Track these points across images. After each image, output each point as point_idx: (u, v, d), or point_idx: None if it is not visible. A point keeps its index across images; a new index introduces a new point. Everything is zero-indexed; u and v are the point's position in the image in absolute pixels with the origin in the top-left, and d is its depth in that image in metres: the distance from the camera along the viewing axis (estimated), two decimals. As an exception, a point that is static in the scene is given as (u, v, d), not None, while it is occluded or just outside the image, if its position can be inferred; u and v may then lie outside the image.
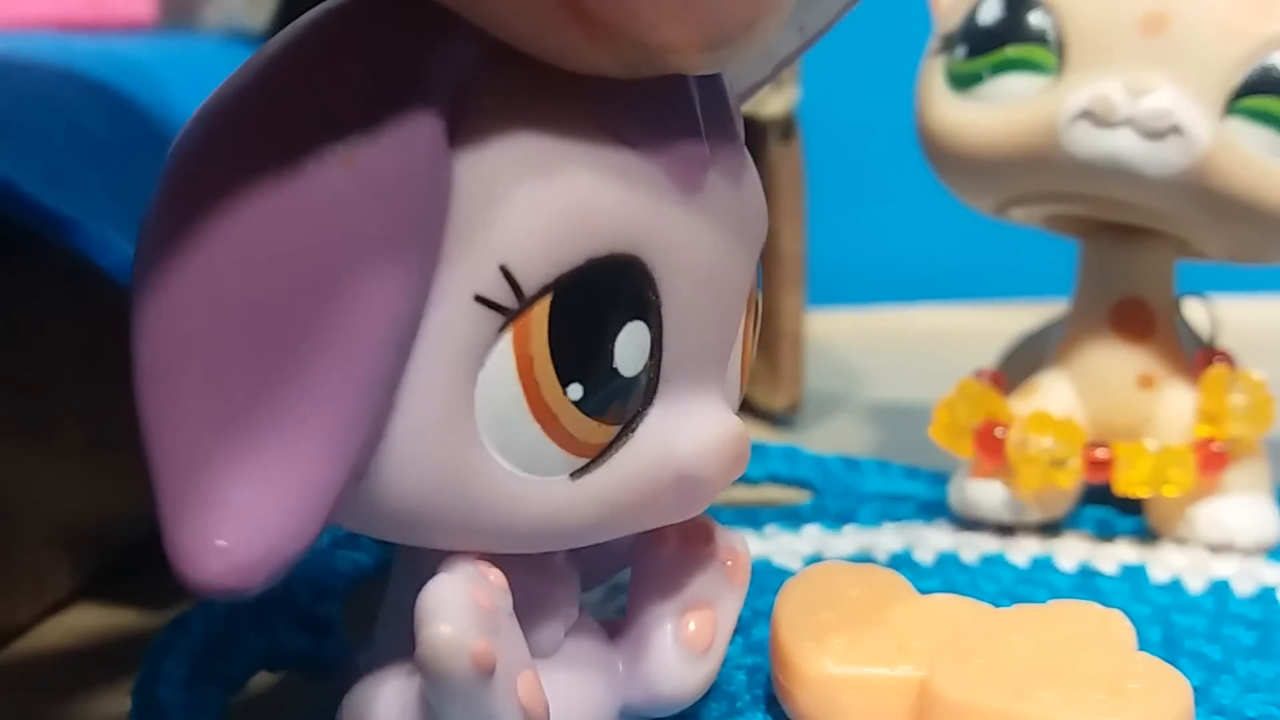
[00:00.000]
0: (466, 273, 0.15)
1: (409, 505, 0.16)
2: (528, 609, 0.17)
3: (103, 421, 0.27)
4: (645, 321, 0.17)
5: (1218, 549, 0.28)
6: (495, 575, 0.17)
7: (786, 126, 0.38)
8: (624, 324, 0.16)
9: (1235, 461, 0.28)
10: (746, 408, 0.19)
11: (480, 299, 0.15)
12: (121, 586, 0.28)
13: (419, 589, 0.16)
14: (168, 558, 0.14)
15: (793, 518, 0.30)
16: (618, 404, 0.17)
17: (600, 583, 0.21)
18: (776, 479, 0.31)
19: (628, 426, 0.17)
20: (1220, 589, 0.26)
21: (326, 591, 0.25)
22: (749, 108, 0.20)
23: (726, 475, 0.18)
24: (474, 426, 0.16)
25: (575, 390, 0.16)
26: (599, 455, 0.17)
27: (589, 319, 0.16)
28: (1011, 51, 0.27)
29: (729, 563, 0.20)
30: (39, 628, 0.26)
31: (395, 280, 0.15)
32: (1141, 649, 0.21)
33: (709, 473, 0.18)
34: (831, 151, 0.45)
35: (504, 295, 0.15)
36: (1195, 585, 0.27)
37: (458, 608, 0.15)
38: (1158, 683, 0.19)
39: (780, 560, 0.27)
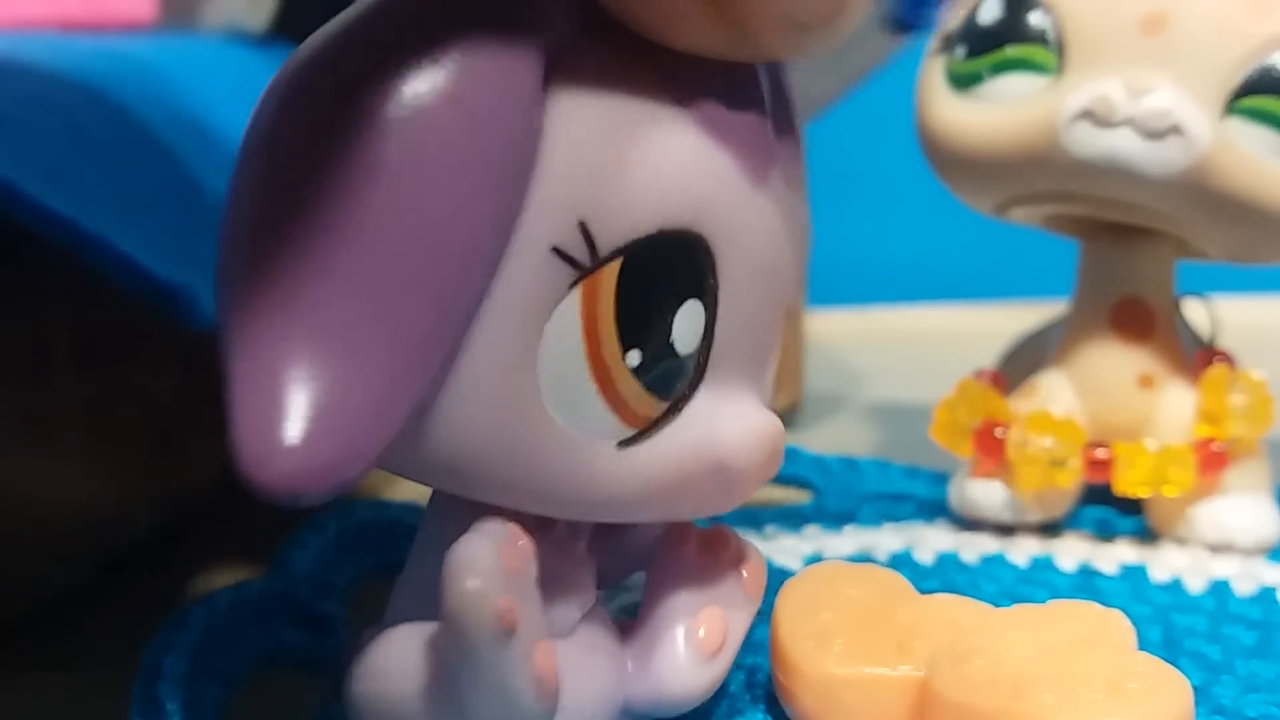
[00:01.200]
0: (547, 223, 0.16)
1: (461, 449, 0.16)
2: (548, 585, 0.17)
3: (102, 421, 0.27)
4: (703, 303, 0.17)
5: (1218, 549, 0.28)
6: (524, 541, 0.17)
7: (787, 126, 0.38)
8: (685, 300, 0.17)
9: (1235, 461, 0.28)
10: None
11: (557, 251, 0.16)
12: (121, 586, 0.28)
13: (444, 550, 0.16)
14: (233, 460, 0.14)
15: (793, 518, 0.30)
16: (669, 379, 0.17)
17: (614, 583, 0.21)
18: (776, 479, 0.31)
19: (675, 405, 0.17)
20: (1220, 589, 0.26)
21: (328, 588, 0.25)
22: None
23: (762, 470, 0.18)
24: (535, 378, 0.16)
25: (634, 357, 0.17)
26: (646, 429, 0.17)
27: (654, 288, 0.17)
28: (1011, 51, 0.27)
29: (745, 574, 0.20)
30: (38, 627, 0.26)
31: (485, 213, 0.15)
32: (1141, 649, 0.21)
33: (745, 464, 0.18)
34: (831, 151, 0.45)
35: (580, 251, 0.16)
36: (1195, 585, 0.27)
37: (487, 565, 0.16)
38: (1158, 682, 0.19)
39: (780, 560, 0.27)
